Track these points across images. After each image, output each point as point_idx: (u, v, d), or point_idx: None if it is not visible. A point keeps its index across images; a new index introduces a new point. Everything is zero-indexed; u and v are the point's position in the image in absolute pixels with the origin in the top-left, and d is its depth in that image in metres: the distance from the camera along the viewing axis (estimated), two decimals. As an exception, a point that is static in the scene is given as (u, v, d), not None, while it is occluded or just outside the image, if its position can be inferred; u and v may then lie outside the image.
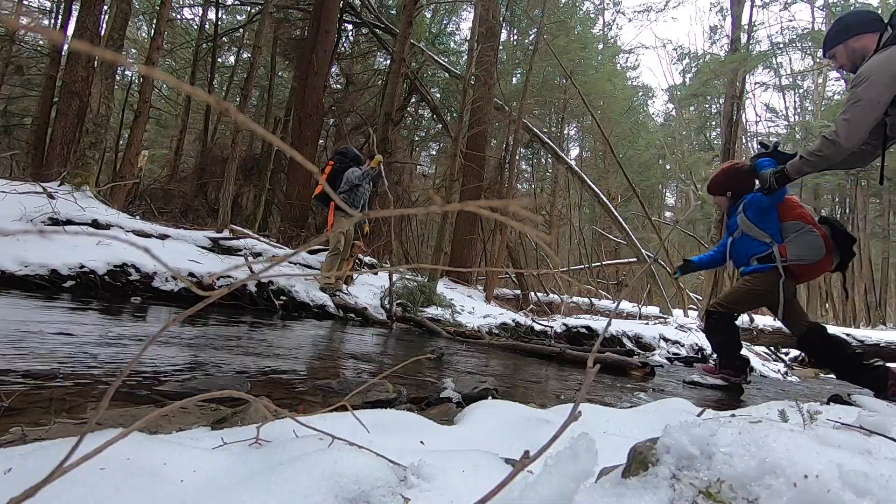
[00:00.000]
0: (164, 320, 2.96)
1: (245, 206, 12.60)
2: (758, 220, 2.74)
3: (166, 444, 0.73)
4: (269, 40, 13.03)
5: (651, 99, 24.07)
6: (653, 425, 1.31)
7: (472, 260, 10.96)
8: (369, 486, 0.66)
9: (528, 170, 19.36)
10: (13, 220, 4.22)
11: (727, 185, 2.96)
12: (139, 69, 0.48)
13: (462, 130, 8.45)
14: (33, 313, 2.47)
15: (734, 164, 3.02)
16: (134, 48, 16.35)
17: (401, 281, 5.64)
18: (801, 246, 2.63)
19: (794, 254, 2.64)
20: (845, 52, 2.21)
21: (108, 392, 0.43)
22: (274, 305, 4.45)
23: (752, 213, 2.76)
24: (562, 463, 0.54)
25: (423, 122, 16.54)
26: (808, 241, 2.63)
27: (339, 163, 5.45)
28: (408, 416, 1.15)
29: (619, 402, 2.08)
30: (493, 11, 10.18)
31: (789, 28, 17.40)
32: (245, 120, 0.34)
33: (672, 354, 5.14)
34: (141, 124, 8.48)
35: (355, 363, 2.42)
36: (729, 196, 2.97)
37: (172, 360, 1.83)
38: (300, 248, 0.42)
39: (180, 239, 5.18)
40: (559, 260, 16.90)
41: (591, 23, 18.75)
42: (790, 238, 2.67)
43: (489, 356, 3.44)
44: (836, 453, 0.57)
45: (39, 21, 13.28)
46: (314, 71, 10.29)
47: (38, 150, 10.43)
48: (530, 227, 0.40)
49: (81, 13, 7.73)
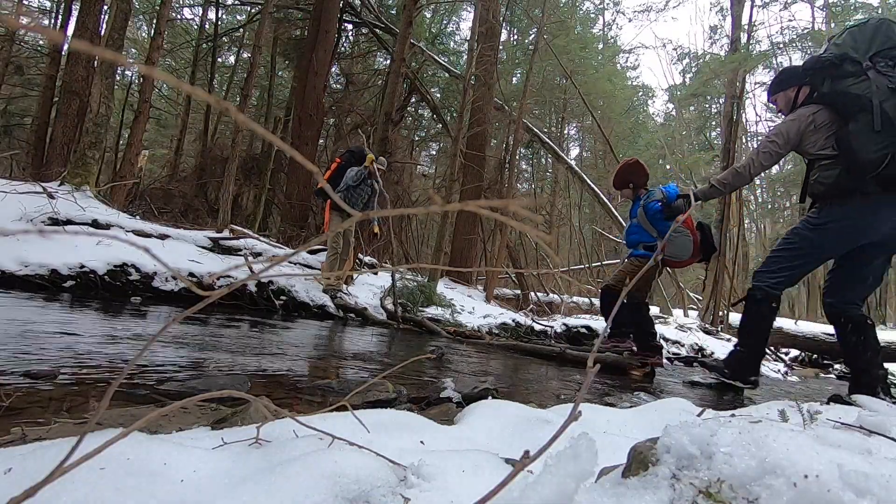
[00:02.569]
0: (164, 320, 2.96)
1: (245, 206, 12.60)
2: (653, 222, 3.38)
3: (166, 444, 0.73)
4: (269, 40, 13.03)
5: (651, 99, 24.07)
6: (653, 425, 1.31)
7: (472, 260, 10.95)
8: (369, 485, 0.66)
9: (528, 170, 19.36)
10: (13, 220, 4.21)
11: (628, 179, 3.59)
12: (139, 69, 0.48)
13: (462, 130, 8.45)
14: (33, 313, 2.46)
15: (629, 161, 3.70)
16: (134, 48, 16.34)
17: (401, 281, 5.64)
18: (677, 247, 3.33)
19: (670, 252, 3.35)
20: (783, 98, 2.59)
21: (108, 392, 0.43)
22: (274, 305, 4.45)
23: (650, 216, 3.37)
24: (562, 463, 0.54)
25: (423, 122, 16.54)
26: (683, 243, 3.33)
27: (347, 161, 5.35)
28: (408, 416, 1.15)
29: (619, 402, 2.08)
30: (493, 11, 10.18)
31: (789, 28, 17.41)
32: (245, 120, 0.34)
33: (672, 354, 5.14)
34: (141, 124, 8.48)
35: (355, 363, 2.42)
36: (631, 188, 3.59)
37: (172, 360, 1.83)
38: (300, 248, 0.42)
39: (180, 239, 5.18)
40: (559, 260, 16.89)
41: (591, 23, 18.76)
42: (672, 238, 3.33)
43: (489, 356, 3.44)
44: (836, 453, 0.57)
45: (39, 21, 13.27)
46: (314, 71, 10.29)
47: (38, 150, 10.43)
48: (530, 227, 0.40)
49: (81, 13, 7.73)
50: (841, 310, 2.33)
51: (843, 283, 2.37)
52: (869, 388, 2.21)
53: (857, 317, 2.30)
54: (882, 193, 2.14)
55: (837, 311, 2.35)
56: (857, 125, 2.13)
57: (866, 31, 2.24)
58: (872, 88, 2.11)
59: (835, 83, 2.25)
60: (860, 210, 2.20)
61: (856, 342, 2.27)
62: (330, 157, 13.23)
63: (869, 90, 2.12)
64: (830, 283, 2.41)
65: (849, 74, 2.21)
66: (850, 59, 2.22)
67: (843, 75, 2.22)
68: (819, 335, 6.07)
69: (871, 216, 2.19)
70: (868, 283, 2.35)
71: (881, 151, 2.06)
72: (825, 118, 2.31)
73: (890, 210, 2.16)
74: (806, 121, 2.35)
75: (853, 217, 2.22)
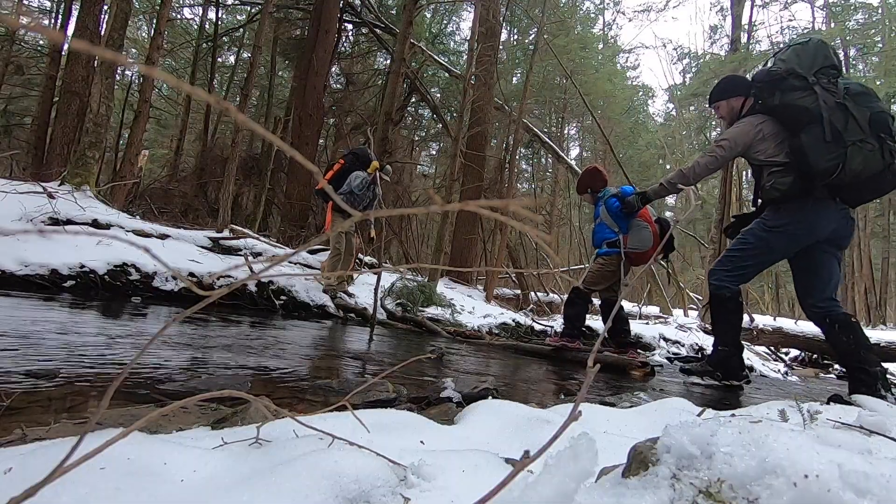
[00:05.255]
0: (164, 320, 2.96)
1: (245, 205, 12.59)
2: (615, 218, 3.61)
3: (167, 443, 0.73)
4: (269, 40, 13.03)
5: (651, 99, 24.10)
6: (653, 425, 1.31)
7: (472, 260, 10.95)
8: (369, 485, 0.66)
9: (528, 170, 19.36)
10: (13, 220, 4.21)
11: (587, 185, 3.89)
12: (139, 69, 0.48)
13: (462, 130, 8.44)
14: (33, 313, 2.46)
15: (588, 168, 4.01)
16: (134, 48, 16.33)
17: (401, 281, 5.64)
18: (637, 238, 3.57)
19: (632, 244, 3.58)
20: (727, 106, 2.77)
21: (108, 392, 0.43)
22: (274, 305, 4.45)
23: (613, 212, 3.59)
24: (562, 463, 0.54)
25: (423, 122, 16.54)
26: (643, 235, 3.58)
27: (350, 163, 5.31)
28: (408, 415, 1.15)
29: (619, 402, 2.08)
30: (493, 11, 10.18)
31: (789, 28, 17.37)
32: (245, 120, 0.34)
33: (672, 354, 5.14)
34: (141, 124, 8.47)
35: (355, 363, 2.42)
36: (591, 192, 3.87)
37: (172, 360, 1.83)
38: (300, 248, 0.42)
39: (180, 239, 5.18)
40: (559, 260, 16.89)
41: (591, 22, 18.74)
42: (632, 232, 3.58)
43: (489, 356, 3.44)
44: (836, 453, 0.57)
45: (39, 21, 13.26)
46: (314, 71, 10.29)
47: (38, 150, 10.43)
48: (530, 227, 0.40)
49: (81, 13, 7.72)
50: (823, 309, 2.45)
51: (811, 283, 2.52)
52: (869, 386, 2.23)
53: (841, 315, 2.42)
54: (828, 198, 2.39)
55: (819, 312, 2.46)
56: (810, 136, 2.31)
57: (809, 50, 2.42)
58: (820, 102, 2.31)
59: (785, 95, 2.42)
60: (810, 213, 2.42)
61: (847, 341, 2.36)
62: (330, 157, 13.24)
63: (816, 104, 2.31)
64: (801, 288, 2.57)
65: (797, 88, 2.39)
66: (797, 74, 2.40)
67: (792, 88, 2.40)
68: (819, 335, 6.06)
69: (819, 218, 2.42)
70: (833, 280, 2.50)
71: (833, 161, 2.26)
72: (772, 128, 2.51)
73: (833, 212, 2.41)
74: (754, 130, 2.55)
75: (804, 219, 2.44)
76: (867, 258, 14.57)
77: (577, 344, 3.66)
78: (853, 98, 2.31)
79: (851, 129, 2.26)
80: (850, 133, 2.25)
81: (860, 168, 2.25)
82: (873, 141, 2.26)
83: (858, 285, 14.22)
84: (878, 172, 2.27)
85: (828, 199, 2.39)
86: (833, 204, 2.40)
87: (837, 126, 2.26)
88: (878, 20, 15.54)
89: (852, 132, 2.26)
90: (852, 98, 2.31)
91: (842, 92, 2.33)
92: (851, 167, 2.24)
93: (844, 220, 2.44)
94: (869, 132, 2.26)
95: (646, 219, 3.63)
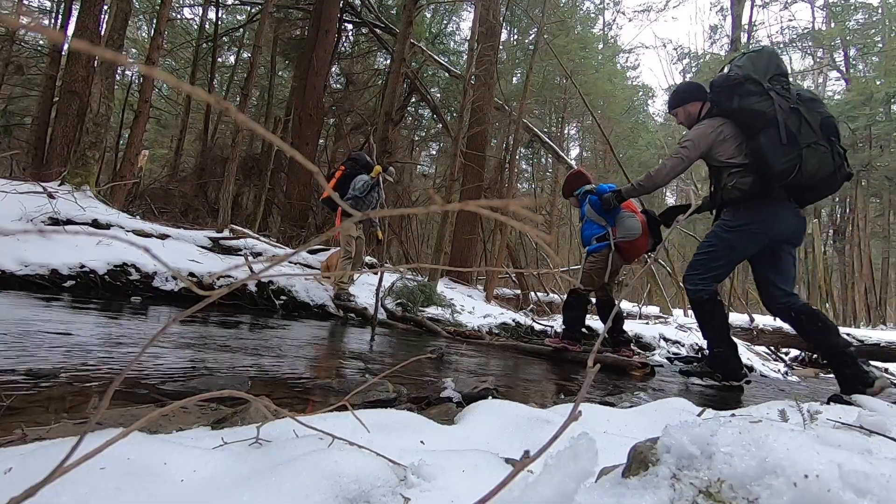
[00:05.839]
0: (164, 320, 2.96)
1: (245, 205, 12.59)
2: (600, 213, 3.68)
3: (167, 443, 0.73)
4: (269, 40, 13.02)
5: (651, 99, 24.03)
6: (653, 425, 1.31)
7: (472, 260, 10.95)
8: (369, 485, 0.66)
9: (528, 170, 19.35)
10: (13, 220, 4.21)
11: (571, 188, 4.03)
12: (139, 69, 0.48)
13: (462, 130, 8.44)
14: (33, 313, 2.46)
15: (572, 171, 4.17)
16: (134, 48, 16.32)
17: (401, 281, 5.64)
18: (626, 228, 3.59)
19: (620, 234, 3.60)
20: (684, 112, 2.91)
21: (108, 392, 0.43)
22: (274, 305, 4.45)
23: (597, 208, 3.67)
24: (562, 463, 0.54)
25: (423, 122, 16.53)
26: (631, 223, 3.60)
27: (350, 169, 5.36)
28: (408, 415, 1.15)
29: (619, 402, 2.08)
30: (493, 11, 10.17)
31: (789, 28, 17.39)
32: (245, 120, 0.34)
33: (672, 354, 5.14)
34: (141, 124, 8.47)
35: (355, 363, 2.42)
36: (575, 195, 3.97)
37: (172, 360, 1.83)
38: (300, 248, 0.42)
39: (180, 239, 5.17)
40: (559, 260, 16.88)
41: (591, 22, 18.74)
42: (619, 223, 3.62)
43: (489, 356, 3.44)
44: (836, 453, 0.57)
45: (39, 21, 13.27)
46: (314, 71, 10.29)
47: (38, 150, 10.42)
48: (530, 227, 0.40)
49: (81, 13, 7.72)
50: (786, 304, 2.53)
51: (771, 280, 2.61)
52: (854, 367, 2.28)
53: (804, 306, 2.51)
54: (784, 199, 2.50)
55: (783, 307, 2.55)
56: (767, 139, 2.41)
57: (763, 57, 2.54)
58: (776, 107, 2.41)
59: (743, 100, 2.51)
60: (768, 213, 2.52)
61: (817, 329, 2.42)
62: (330, 156, 13.23)
63: (772, 108, 2.41)
64: (762, 287, 2.65)
65: (754, 93, 2.48)
66: (753, 80, 2.49)
67: (749, 93, 2.50)
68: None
69: (776, 218, 2.52)
70: (791, 276, 2.61)
71: (790, 163, 2.36)
72: (731, 130, 2.62)
73: (789, 211, 2.52)
74: (715, 131, 2.64)
75: (763, 219, 2.53)
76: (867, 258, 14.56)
77: (578, 347, 3.67)
78: (805, 103, 2.42)
79: (805, 133, 2.36)
80: (804, 136, 2.35)
81: (815, 169, 2.35)
82: (825, 143, 2.37)
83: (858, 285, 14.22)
84: (829, 174, 2.38)
85: (784, 200, 2.51)
86: (788, 204, 2.52)
87: (792, 129, 2.36)
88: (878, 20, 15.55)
89: (806, 135, 2.35)
90: (804, 103, 2.42)
91: (794, 97, 2.44)
92: (807, 168, 2.34)
93: (798, 219, 2.56)
94: (821, 135, 2.37)
95: (631, 209, 3.69)
